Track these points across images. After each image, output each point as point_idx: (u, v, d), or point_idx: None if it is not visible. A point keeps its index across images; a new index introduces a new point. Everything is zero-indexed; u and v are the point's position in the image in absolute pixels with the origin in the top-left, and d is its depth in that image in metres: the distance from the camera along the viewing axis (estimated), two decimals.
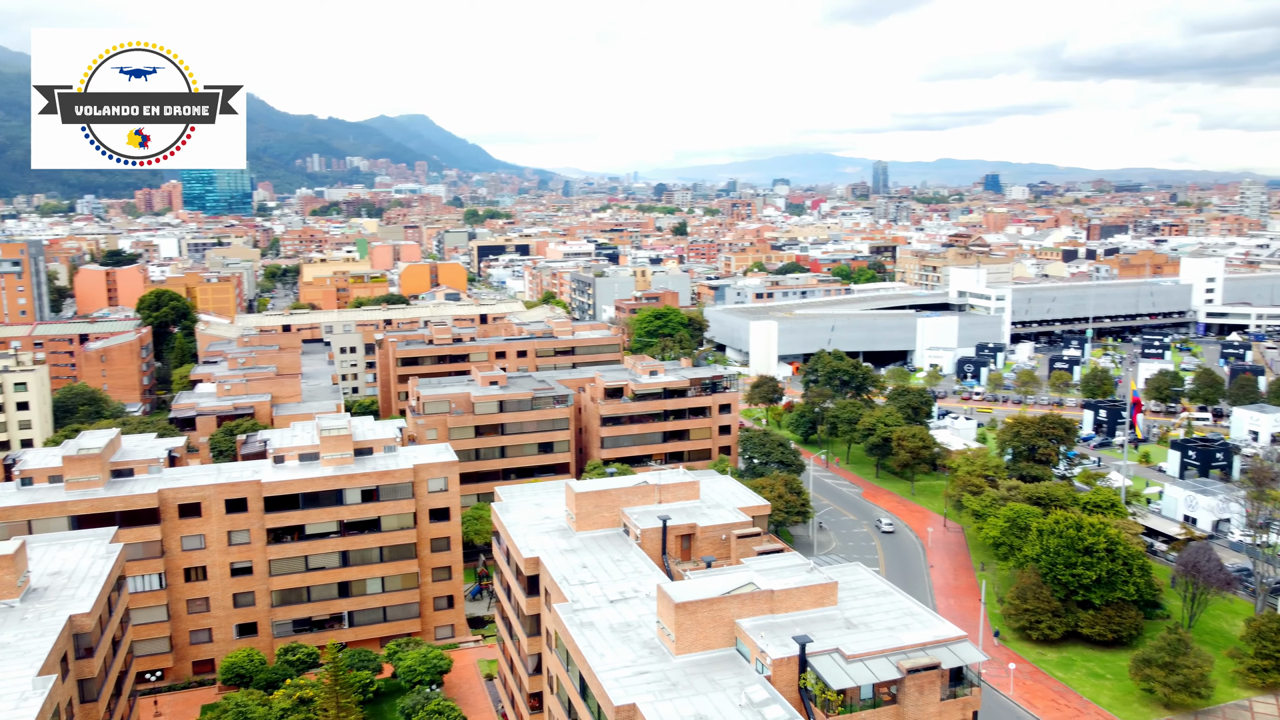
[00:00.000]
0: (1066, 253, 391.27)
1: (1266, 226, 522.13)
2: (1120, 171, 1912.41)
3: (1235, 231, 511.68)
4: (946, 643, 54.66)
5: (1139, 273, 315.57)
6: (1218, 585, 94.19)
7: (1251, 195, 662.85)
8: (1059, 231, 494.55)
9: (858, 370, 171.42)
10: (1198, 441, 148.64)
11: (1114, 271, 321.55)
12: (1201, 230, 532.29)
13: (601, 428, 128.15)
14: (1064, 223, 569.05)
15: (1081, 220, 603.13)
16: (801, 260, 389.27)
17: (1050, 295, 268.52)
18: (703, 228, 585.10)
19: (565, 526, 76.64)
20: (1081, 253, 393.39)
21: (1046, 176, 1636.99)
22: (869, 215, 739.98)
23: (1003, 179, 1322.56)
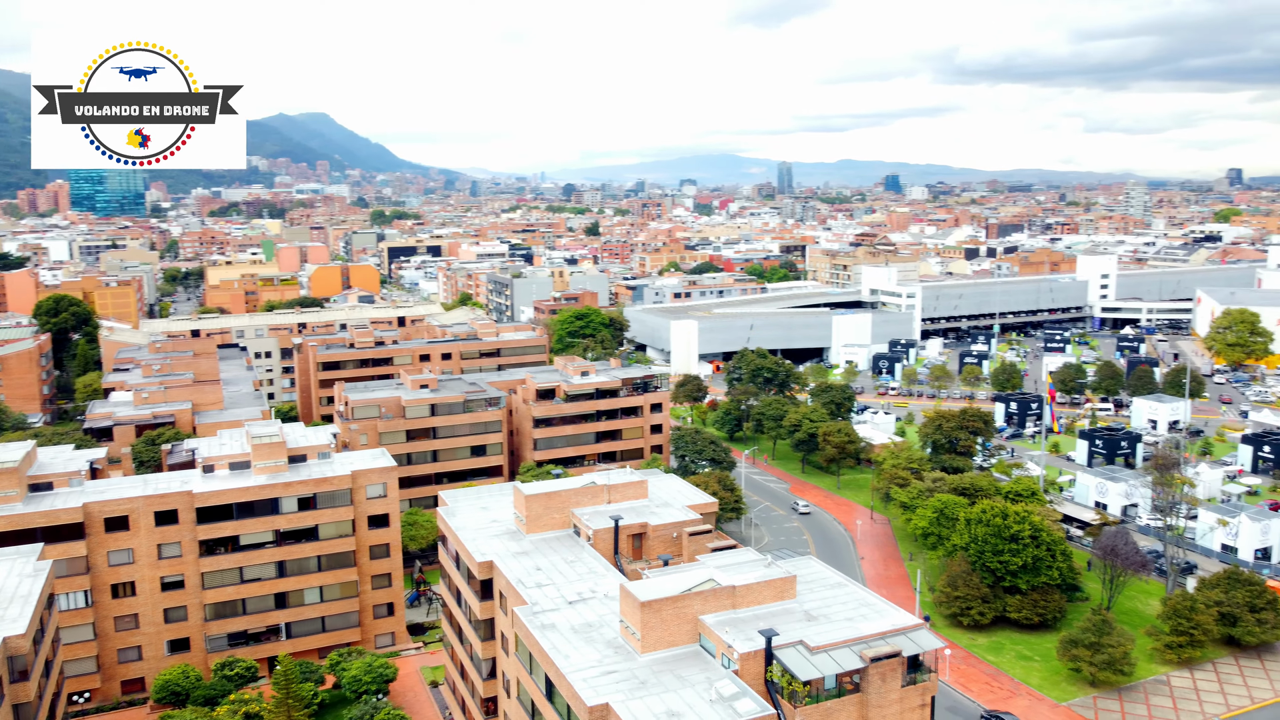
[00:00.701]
0: (968, 251, 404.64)
1: (1150, 225, 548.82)
2: (1012, 172, 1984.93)
3: (1122, 230, 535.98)
4: (904, 631, 56.35)
5: (1038, 270, 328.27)
6: (1134, 567, 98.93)
7: (1136, 195, 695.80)
8: (960, 230, 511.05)
9: (780, 367, 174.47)
10: (1103, 431, 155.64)
11: (1014, 269, 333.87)
12: (1091, 229, 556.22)
13: (534, 429, 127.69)
14: (964, 222, 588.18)
15: (979, 219, 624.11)
16: (715, 260, 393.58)
17: (957, 292, 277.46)
18: (614, 228, 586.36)
19: (515, 529, 76.31)
20: (982, 251, 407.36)
21: (943, 177, 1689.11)
22: (777, 215, 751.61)
23: (902, 179, 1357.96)
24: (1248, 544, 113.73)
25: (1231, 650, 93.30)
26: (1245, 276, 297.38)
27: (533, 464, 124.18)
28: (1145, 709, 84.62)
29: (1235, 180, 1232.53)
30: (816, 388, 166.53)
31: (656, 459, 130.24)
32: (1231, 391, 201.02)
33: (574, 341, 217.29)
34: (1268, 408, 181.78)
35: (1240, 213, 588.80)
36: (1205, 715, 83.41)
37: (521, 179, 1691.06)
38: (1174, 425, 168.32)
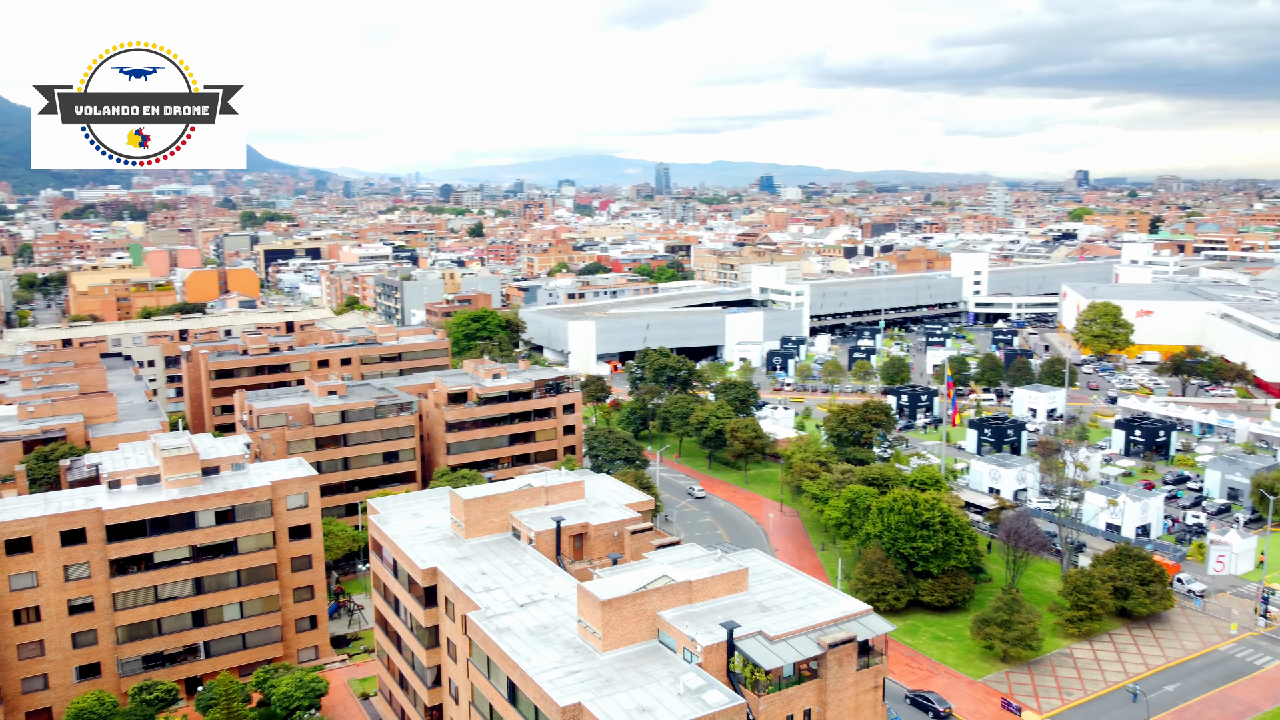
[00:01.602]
0: (847, 250, 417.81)
1: (1012, 224, 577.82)
2: (878, 173, 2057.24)
3: (986, 229, 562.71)
4: (856, 617, 58.47)
5: (915, 268, 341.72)
6: (1035, 549, 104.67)
7: (997, 196, 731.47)
8: (837, 230, 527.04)
9: (683, 366, 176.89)
10: (990, 420, 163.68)
11: (893, 267, 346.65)
12: (958, 228, 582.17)
13: (447, 434, 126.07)
14: (839, 222, 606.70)
15: (854, 219, 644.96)
16: (603, 261, 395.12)
17: (842, 290, 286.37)
18: (498, 229, 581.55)
19: (452, 535, 75.52)
20: (860, 250, 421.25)
21: (814, 178, 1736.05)
22: (658, 216, 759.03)
23: (775, 180, 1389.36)
24: (1130, 522, 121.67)
25: (1125, 621, 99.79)
26: (1104, 272, 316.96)
27: (446, 469, 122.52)
28: (1053, 680, 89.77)
29: (1083, 181, 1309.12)
30: (720, 385, 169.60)
31: (571, 459, 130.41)
32: (1098, 380, 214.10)
33: (471, 344, 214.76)
34: (1133, 394, 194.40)
35: (1091, 212, 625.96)
36: (1107, 683, 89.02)
37: (396, 179, 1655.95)
38: (1052, 413, 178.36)
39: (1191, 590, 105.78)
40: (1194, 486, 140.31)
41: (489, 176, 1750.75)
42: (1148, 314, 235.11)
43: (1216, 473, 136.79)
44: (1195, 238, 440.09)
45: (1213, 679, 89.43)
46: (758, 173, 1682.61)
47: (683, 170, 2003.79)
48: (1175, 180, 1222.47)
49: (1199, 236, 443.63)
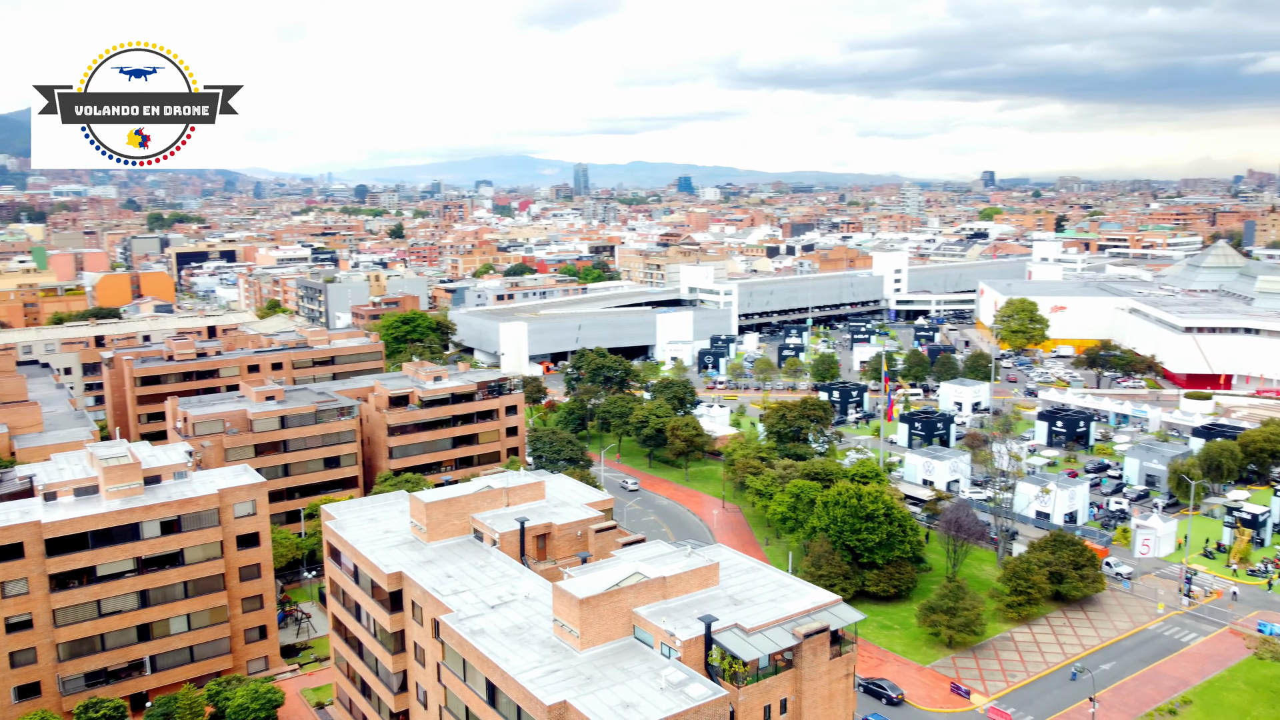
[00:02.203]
0: (769, 249, 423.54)
1: (926, 223, 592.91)
2: (793, 174, 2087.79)
3: (901, 228, 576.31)
4: (826, 607, 59.97)
5: (837, 266, 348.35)
6: (974, 538, 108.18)
7: (910, 196, 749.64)
8: (758, 230, 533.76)
9: (620, 366, 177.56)
10: (920, 414, 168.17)
11: (815, 266, 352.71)
12: (874, 227, 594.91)
13: (389, 437, 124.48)
14: (759, 222, 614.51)
15: (773, 219, 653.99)
16: (528, 261, 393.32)
17: (769, 289, 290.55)
18: (418, 230, 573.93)
19: (413, 539, 74.91)
20: (782, 249, 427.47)
21: (730, 178, 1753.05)
22: (579, 216, 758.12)
23: (693, 181, 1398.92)
24: (1059, 510, 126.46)
25: (1060, 605, 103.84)
26: (1017, 269, 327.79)
27: (389, 473, 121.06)
28: (997, 663, 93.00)
29: (989, 182, 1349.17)
30: (659, 384, 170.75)
31: (514, 461, 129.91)
32: (1017, 373, 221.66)
33: (401, 347, 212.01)
34: (1052, 387, 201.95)
35: (1000, 211, 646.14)
36: (1047, 664, 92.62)
37: (308, 180, 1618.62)
38: (976, 407, 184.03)
39: (1119, 573, 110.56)
40: (1114, 474, 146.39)
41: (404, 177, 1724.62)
42: (1061, 310, 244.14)
43: (1135, 461, 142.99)
44: (1099, 236, 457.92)
45: (1144, 657, 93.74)
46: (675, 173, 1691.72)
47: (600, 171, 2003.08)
48: (1076, 181, 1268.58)
49: (1102, 235, 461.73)
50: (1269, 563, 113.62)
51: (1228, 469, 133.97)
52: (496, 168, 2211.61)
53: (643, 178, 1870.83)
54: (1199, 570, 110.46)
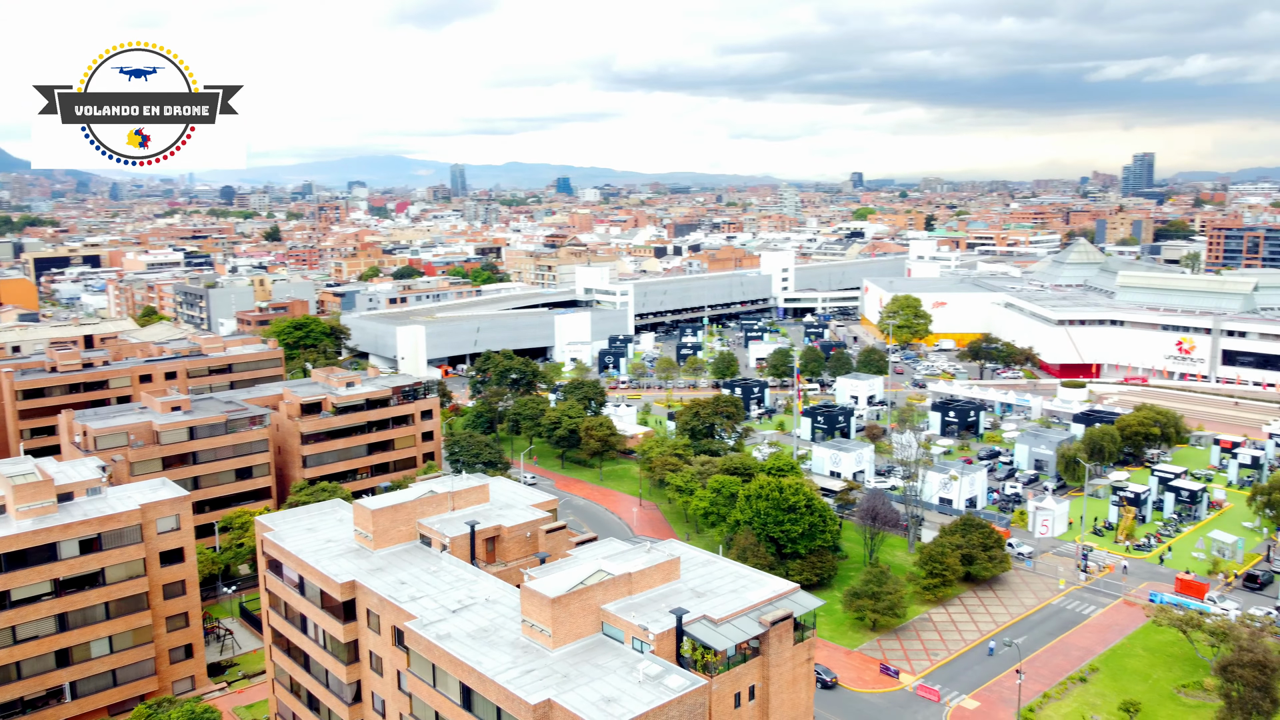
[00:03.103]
0: (657, 249, 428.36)
1: (804, 223, 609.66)
2: (669, 174, 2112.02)
3: (780, 228, 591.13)
4: (787, 595, 62.05)
5: (726, 266, 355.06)
6: (889, 526, 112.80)
7: (788, 197, 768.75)
8: (644, 231, 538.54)
9: (528, 367, 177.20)
10: (822, 408, 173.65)
11: (704, 266, 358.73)
12: (754, 227, 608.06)
13: (303, 446, 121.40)
14: (643, 223, 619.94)
15: (655, 220, 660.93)
16: (414, 264, 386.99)
17: (663, 289, 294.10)
18: (294, 233, 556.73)
19: (358, 547, 73.68)
20: (670, 249, 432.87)
21: (608, 179, 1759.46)
22: (459, 217, 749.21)
23: (572, 182, 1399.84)
24: (960, 496, 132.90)
25: (970, 585, 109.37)
26: (897, 267, 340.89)
27: (304, 483, 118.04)
28: (919, 643, 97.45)
29: (858, 183, 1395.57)
30: (568, 385, 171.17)
31: (432, 465, 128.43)
32: (904, 367, 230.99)
33: (295, 353, 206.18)
34: (939, 379, 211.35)
35: (873, 212, 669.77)
36: (965, 641, 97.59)
37: (168, 180, 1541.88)
38: (871, 399, 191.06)
39: (1021, 553, 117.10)
40: (1005, 460, 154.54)
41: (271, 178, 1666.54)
42: (942, 305, 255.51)
43: (1024, 447, 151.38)
44: (967, 234, 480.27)
45: (1052, 630, 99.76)
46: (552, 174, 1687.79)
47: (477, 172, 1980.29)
48: (939, 181, 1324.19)
49: (970, 234, 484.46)
50: (1152, 537, 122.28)
51: (1109, 452, 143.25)
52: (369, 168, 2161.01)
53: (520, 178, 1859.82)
54: (1093, 547, 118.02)
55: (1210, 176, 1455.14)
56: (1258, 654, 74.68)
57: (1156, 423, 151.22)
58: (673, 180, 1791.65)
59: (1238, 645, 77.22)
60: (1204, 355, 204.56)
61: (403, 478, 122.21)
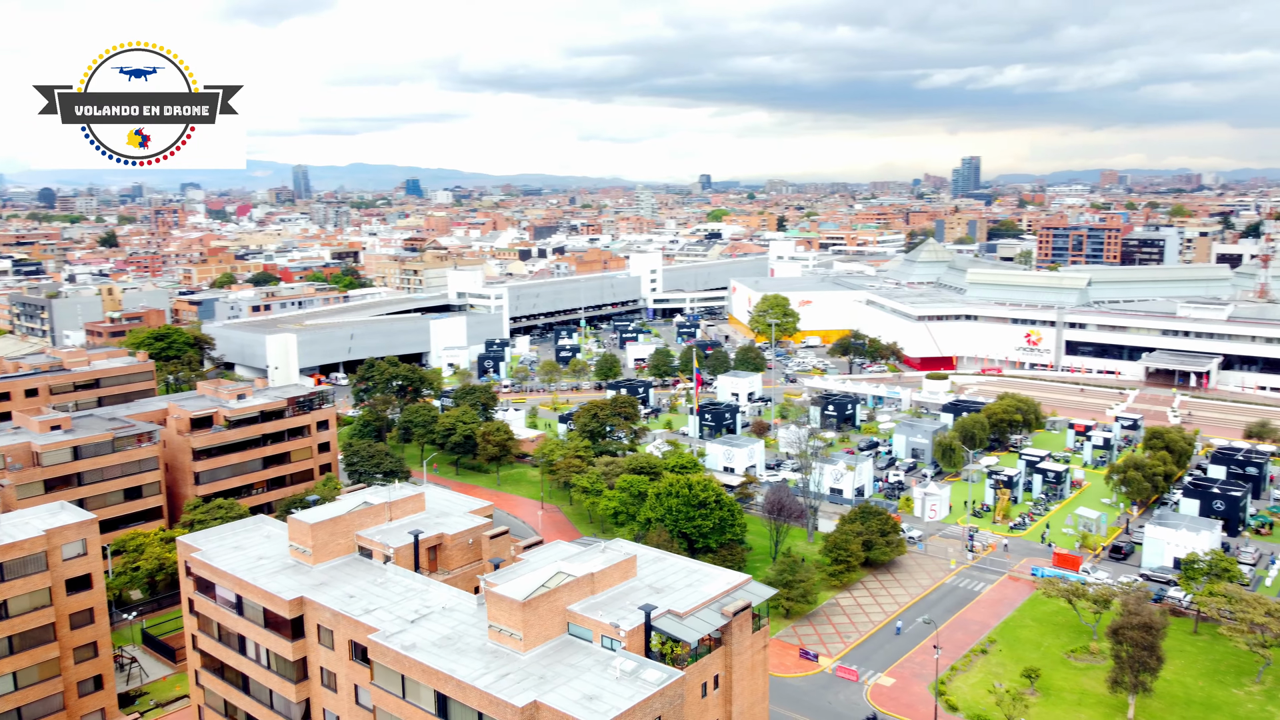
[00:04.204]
0: (521, 252, 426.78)
1: (662, 225, 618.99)
2: (519, 176, 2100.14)
3: (638, 230, 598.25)
4: (742, 586, 64.65)
5: (593, 268, 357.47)
6: (794, 517, 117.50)
7: (644, 199, 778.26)
8: (506, 233, 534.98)
9: (415, 374, 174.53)
10: (709, 405, 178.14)
11: (572, 268, 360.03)
12: (613, 229, 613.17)
13: (195, 462, 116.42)
14: (502, 225, 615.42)
15: (513, 222, 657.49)
16: (270, 270, 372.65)
17: (535, 292, 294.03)
18: (131, 238, 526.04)
19: (295, 563, 71.98)
20: (534, 252, 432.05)
21: (457, 181, 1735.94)
22: (308, 220, 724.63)
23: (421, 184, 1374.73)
24: (849, 486, 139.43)
25: (870, 570, 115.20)
26: (760, 267, 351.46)
27: (198, 500, 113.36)
28: (831, 627, 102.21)
29: (706, 184, 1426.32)
30: (459, 390, 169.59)
31: (330, 478, 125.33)
32: (775, 363, 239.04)
33: (156, 365, 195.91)
34: (811, 375, 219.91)
35: (728, 213, 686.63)
36: (873, 623, 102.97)
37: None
38: (752, 396, 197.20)
39: (912, 537, 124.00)
40: (884, 450, 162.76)
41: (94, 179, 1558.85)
42: (808, 304, 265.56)
43: (901, 437, 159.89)
44: (819, 235, 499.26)
45: (949, 607, 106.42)
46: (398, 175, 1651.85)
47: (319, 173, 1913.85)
48: (784, 184, 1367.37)
49: (822, 234, 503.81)
50: (1025, 516, 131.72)
51: (979, 439, 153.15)
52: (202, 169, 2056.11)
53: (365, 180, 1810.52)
54: (978, 529, 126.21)
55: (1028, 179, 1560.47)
56: (1144, 616, 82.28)
57: (1019, 410, 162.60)
58: (523, 182, 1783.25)
59: (1126, 609, 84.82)
60: (1050, 346, 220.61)
61: (305, 490, 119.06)
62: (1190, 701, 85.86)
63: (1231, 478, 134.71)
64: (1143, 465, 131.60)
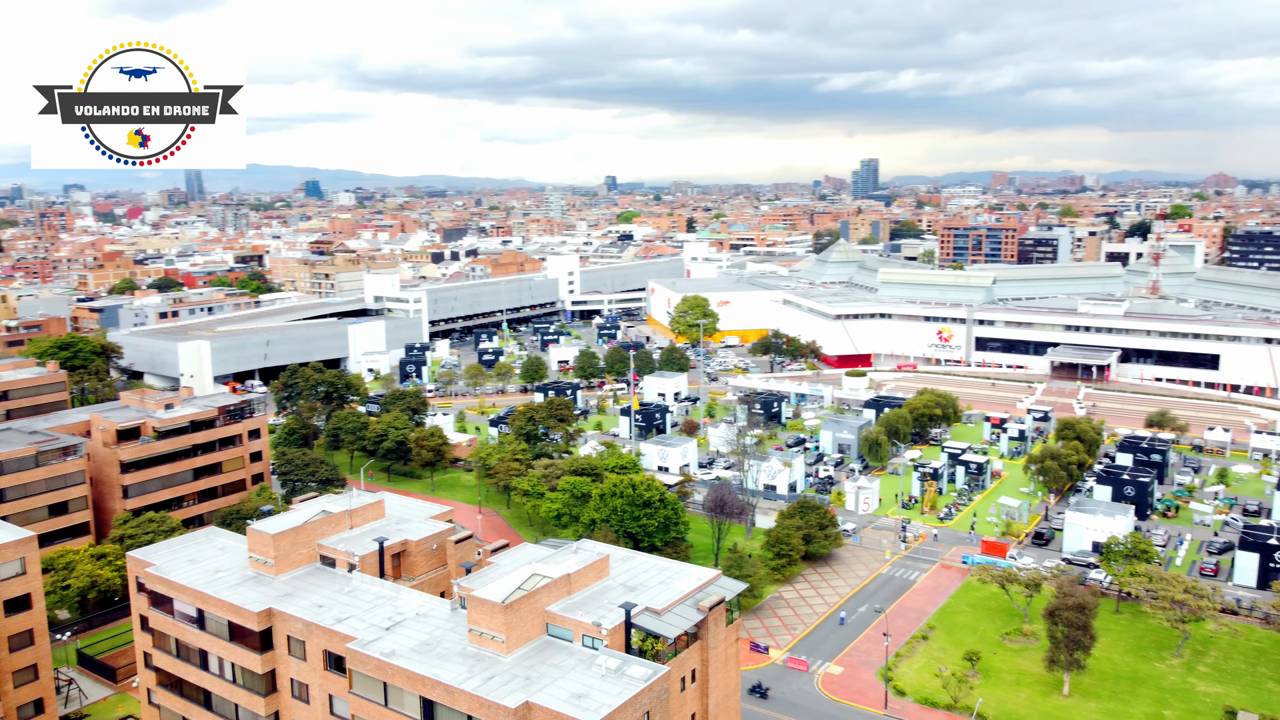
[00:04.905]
0: (434, 255, 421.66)
1: (575, 227, 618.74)
2: (422, 177, 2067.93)
3: (549, 231, 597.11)
4: (713, 581, 66.19)
5: (509, 270, 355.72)
6: (737, 514, 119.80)
7: (554, 200, 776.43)
8: (416, 236, 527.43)
9: (340, 380, 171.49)
10: (640, 407, 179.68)
11: (488, 271, 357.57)
12: (523, 231, 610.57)
13: (123, 475, 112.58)
14: (410, 228, 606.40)
15: (421, 224, 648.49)
16: (172, 274, 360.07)
17: (454, 295, 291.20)
18: (15, 242, 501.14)
19: (256, 574, 70.75)
20: (446, 254, 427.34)
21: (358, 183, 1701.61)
22: (206, 224, 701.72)
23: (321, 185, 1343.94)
24: (782, 482, 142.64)
25: (810, 563, 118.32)
26: (676, 268, 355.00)
27: (127, 514, 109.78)
28: (778, 620, 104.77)
29: (612, 186, 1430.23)
30: (389, 396, 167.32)
31: (264, 488, 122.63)
32: (698, 363, 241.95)
33: None
34: (735, 374, 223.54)
35: (638, 215, 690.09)
36: (816, 614, 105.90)
37: None
38: (678, 396, 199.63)
39: (847, 530, 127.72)
40: (811, 447, 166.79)
41: None
42: (726, 304, 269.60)
43: (828, 433, 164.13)
44: (730, 236, 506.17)
45: (888, 596, 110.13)
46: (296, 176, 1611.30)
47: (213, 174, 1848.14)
48: (689, 185, 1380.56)
49: (733, 235, 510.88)
50: (951, 507, 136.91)
51: (903, 433, 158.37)
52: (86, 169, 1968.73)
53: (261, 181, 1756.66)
54: (909, 519, 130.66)
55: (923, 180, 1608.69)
56: (1078, 598, 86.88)
57: (938, 405, 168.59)
58: (426, 183, 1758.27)
59: (1060, 591, 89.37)
60: (961, 343, 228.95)
61: (240, 501, 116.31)
62: (1119, 676, 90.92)
63: (1138, 465, 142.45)
64: (1058, 455, 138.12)
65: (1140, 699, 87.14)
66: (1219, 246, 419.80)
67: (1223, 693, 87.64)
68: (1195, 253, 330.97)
